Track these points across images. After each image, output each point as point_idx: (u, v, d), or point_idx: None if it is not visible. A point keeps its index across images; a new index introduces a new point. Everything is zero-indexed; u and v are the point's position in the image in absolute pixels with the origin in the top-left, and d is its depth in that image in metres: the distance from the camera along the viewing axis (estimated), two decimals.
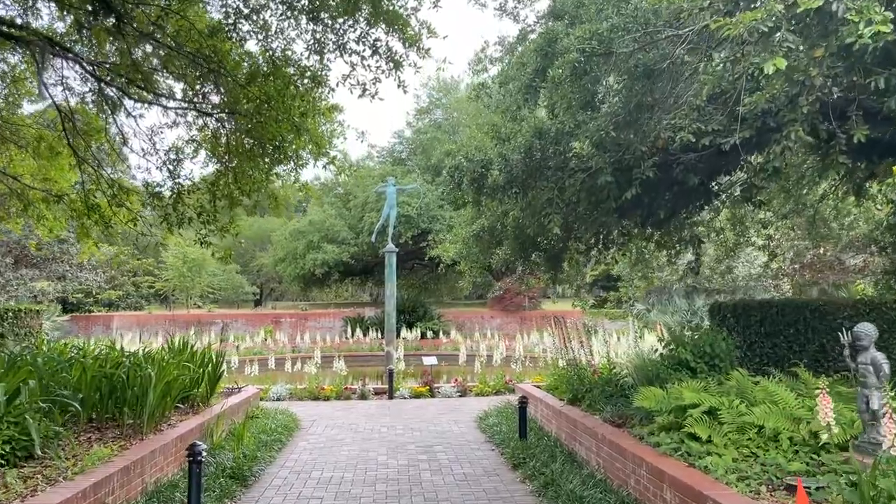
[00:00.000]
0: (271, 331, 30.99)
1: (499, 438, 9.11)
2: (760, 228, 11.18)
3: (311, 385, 14.62)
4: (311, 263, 37.45)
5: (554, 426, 9.16)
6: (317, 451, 9.01)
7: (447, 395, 14.44)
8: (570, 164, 7.63)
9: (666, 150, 7.63)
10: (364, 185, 39.62)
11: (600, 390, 8.61)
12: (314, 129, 8.58)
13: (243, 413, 10.46)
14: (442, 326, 33.91)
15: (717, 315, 10.11)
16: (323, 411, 12.55)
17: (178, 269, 36.41)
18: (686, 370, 7.54)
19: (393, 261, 21.03)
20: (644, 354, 9.41)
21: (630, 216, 8.49)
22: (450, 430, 10.51)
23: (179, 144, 9.93)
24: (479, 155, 7.80)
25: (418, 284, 48.56)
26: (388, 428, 10.68)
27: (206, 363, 9.49)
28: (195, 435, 7.84)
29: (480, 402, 13.57)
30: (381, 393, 14.81)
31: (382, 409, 12.72)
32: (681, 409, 6.43)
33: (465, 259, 10.80)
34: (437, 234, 37.07)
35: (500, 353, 16.28)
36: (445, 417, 11.69)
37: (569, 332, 10.27)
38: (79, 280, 28.40)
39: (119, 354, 8.10)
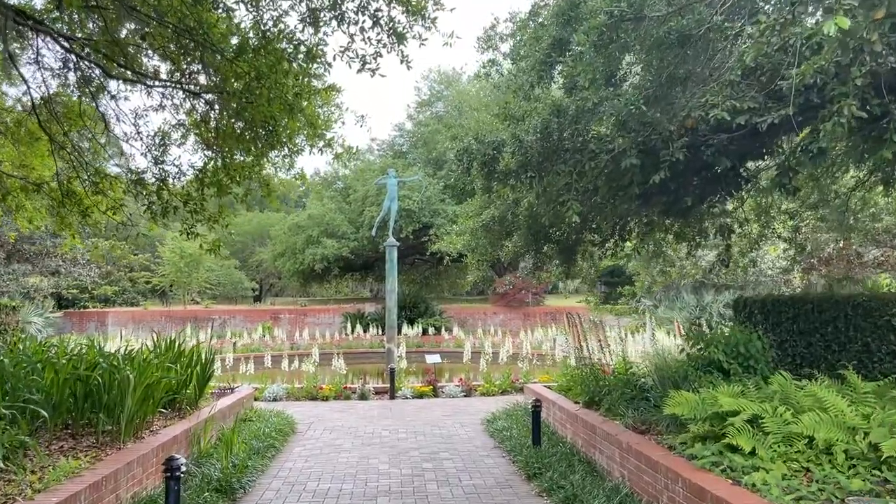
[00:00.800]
0: (270, 327, 30.34)
1: (509, 445, 8.44)
2: (787, 219, 10.51)
3: (308, 384, 13.97)
4: (310, 258, 36.77)
5: (569, 431, 8.49)
6: (313, 458, 8.35)
7: (451, 395, 13.78)
8: (589, 145, 6.96)
9: (695, 130, 6.96)
10: (364, 179, 38.91)
11: (619, 393, 7.94)
12: (309, 110, 7.87)
13: (235, 416, 9.79)
14: (444, 323, 33.25)
15: (741, 311, 9.44)
16: (321, 413, 11.90)
17: (175, 264, 35.72)
18: (718, 372, 6.86)
19: (394, 255, 20.37)
20: (664, 353, 8.76)
21: (653, 204, 7.81)
22: (455, 433, 9.85)
23: (166, 129, 9.24)
24: (490, 136, 7.11)
25: (419, 280, 47.92)
26: (389, 431, 10.02)
27: (194, 363, 8.83)
28: (180, 443, 7.17)
29: (486, 402, 12.91)
30: (382, 392, 14.16)
31: (383, 411, 12.06)
32: (718, 416, 5.76)
33: (472, 252, 10.11)
34: (439, 229, 36.39)
35: (506, 351, 15.60)
36: (450, 420, 11.03)
37: (584, 330, 9.60)
38: (72, 275, 27.68)
39: (95, 354, 7.42)
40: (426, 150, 42.16)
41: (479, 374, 15.45)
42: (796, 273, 27.41)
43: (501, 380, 14.44)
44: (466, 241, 9.93)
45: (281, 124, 8.05)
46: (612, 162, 6.80)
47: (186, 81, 8.73)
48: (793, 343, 8.34)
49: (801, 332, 8.23)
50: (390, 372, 13.85)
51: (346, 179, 43.31)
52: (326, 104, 9.26)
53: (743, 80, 6.59)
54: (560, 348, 14.57)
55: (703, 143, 7.04)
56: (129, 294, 38.98)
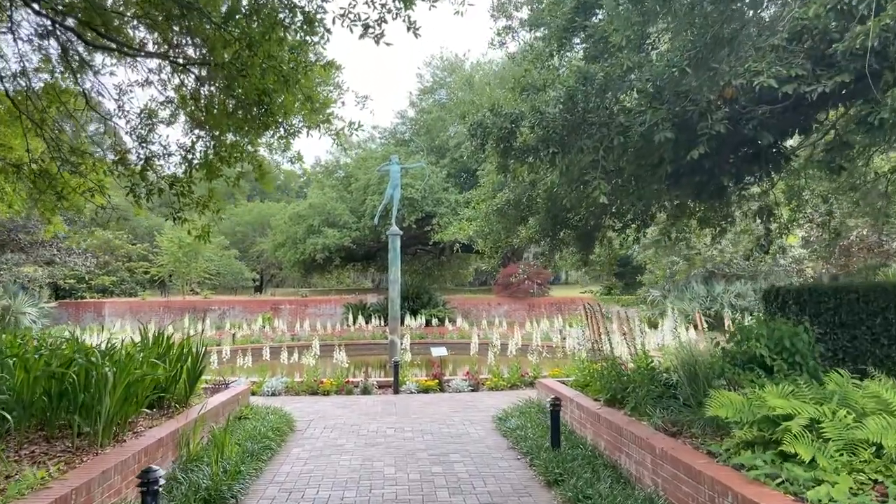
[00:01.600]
0: (270, 318, 29.74)
1: (525, 446, 7.79)
2: (820, 203, 9.81)
3: (308, 378, 13.34)
4: (311, 248, 36.12)
5: (589, 431, 7.85)
6: (313, 460, 7.71)
7: (458, 390, 13.16)
8: (617, 118, 6.27)
9: (734, 101, 6.28)
10: (366, 167, 38.21)
11: (645, 391, 7.29)
12: (307, 83, 7.16)
13: (230, 414, 9.17)
14: (447, 314, 32.63)
15: (773, 301, 8.77)
16: (321, 408, 11.27)
17: (174, 253, 35.07)
18: (760, 368, 6.20)
19: (397, 244, 19.72)
20: (691, 347, 8.09)
21: (685, 184, 7.12)
22: (465, 432, 9.21)
23: (153, 107, 8.54)
24: (507, 107, 6.41)
25: (422, 270, 47.28)
26: (394, 430, 9.39)
27: (184, 358, 8.18)
28: (166, 446, 6.53)
29: (495, 397, 12.28)
30: (386, 386, 13.54)
31: (387, 406, 11.43)
32: (768, 420, 5.10)
33: (485, 238, 9.42)
34: (442, 218, 35.71)
35: (515, 343, 14.95)
36: (459, 416, 10.40)
37: (603, 322, 8.92)
38: (67, 265, 27.03)
39: (73, 349, 6.77)
40: (429, 137, 41.41)
41: (485, 366, 14.83)
42: (808, 262, 26.72)
43: (510, 373, 13.81)
44: (479, 226, 9.22)
45: (276, 101, 7.35)
46: (642, 137, 6.12)
47: (174, 55, 8.04)
48: (833, 336, 7.68)
49: (844, 325, 7.57)
50: (394, 366, 13.22)
51: (347, 168, 42.60)
52: (325, 82, 8.57)
53: (789, 45, 5.90)
54: (575, 341, 13.88)
55: (743, 116, 6.37)
56: (127, 284, 38.38)
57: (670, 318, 10.94)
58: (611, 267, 10.46)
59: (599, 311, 9.23)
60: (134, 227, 42.40)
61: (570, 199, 6.85)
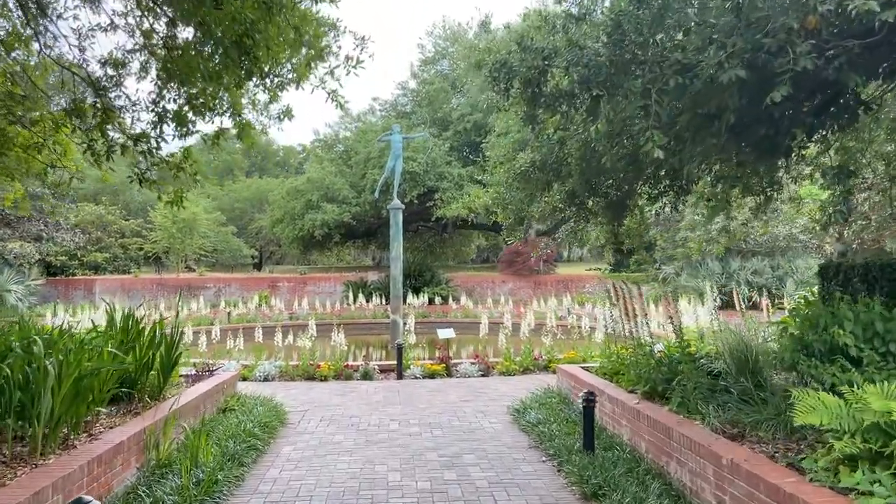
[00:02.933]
0: (267, 296, 28.71)
1: (551, 447, 6.73)
2: (883, 165, 8.64)
3: (304, 362, 12.29)
4: (309, 224, 34.98)
5: (625, 430, 6.78)
6: (305, 462, 6.65)
7: (466, 375, 12.11)
8: (674, 54, 5.09)
9: (817, 33, 5.10)
10: (366, 140, 36.92)
11: (694, 383, 6.21)
12: (293, 9, 5.96)
13: (213, 405, 8.11)
14: (451, 292, 31.59)
15: (833, 278, 7.66)
16: (317, 396, 10.23)
17: (167, 229, 33.94)
18: (845, 359, 5.10)
19: (399, 218, 18.60)
20: (740, 332, 7.00)
21: (748, 138, 5.95)
22: (479, 426, 8.16)
23: (119, 56, 7.35)
24: (539, 41, 5.23)
25: (423, 248, 46.19)
26: (398, 423, 8.33)
27: (157, 343, 7.09)
28: (128, 451, 5.47)
29: (508, 383, 11.25)
30: (388, 371, 12.50)
31: (390, 394, 10.38)
32: (878, 429, 4.02)
33: (504, 208, 8.24)
34: (445, 193, 34.52)
35: (527, 324, 13.87)
36: (470, 406, 9.35)
37: (641, 302, 7.80)
38: (54, 240, 25.89)
39: (19, 336, 5.68)
40: (431, 109, 40.04)
41: (495, 348, 13.81)
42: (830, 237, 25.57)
43: (522, 357, 12.76)
44: (498, 193, 8.05)
45: (258, 38, 6.16)
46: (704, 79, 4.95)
47: None
48: None
49: None
50: (397, 349, 12.15)
51: (346, 142, 41.30)
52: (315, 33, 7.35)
53: None
54: (595, 321, 12.81)
55: (825, 53, 5.19)
56: (121, 261, 37.28)
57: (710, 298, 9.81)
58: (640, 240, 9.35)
59: (632, 292, 8.10)
60: (127, 203, 41.23)
61: (611, 158, 5.69)
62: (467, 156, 39.35)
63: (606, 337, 9.19)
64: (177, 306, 8.39)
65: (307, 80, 7.46)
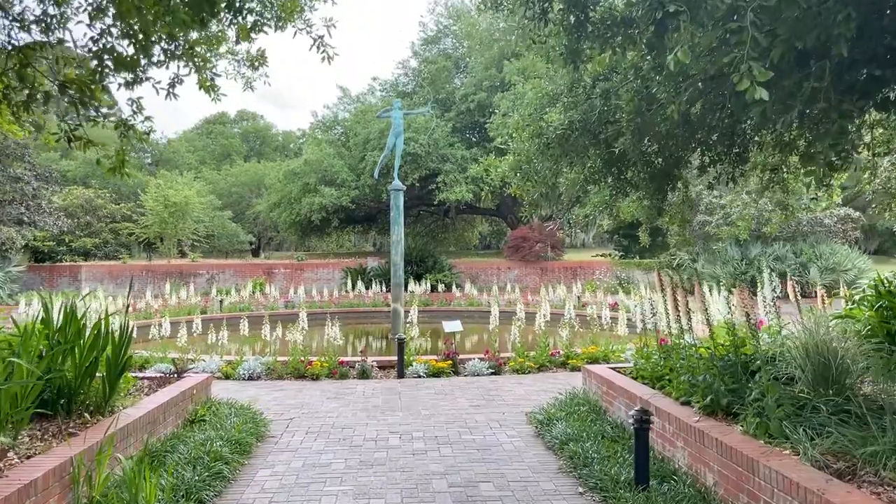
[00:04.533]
0: (262, 283, 27.40)
1: (590, 476, 5.38)
2: None
3: (294, 359, 10.98)
4: (307, 208, 33.58)
5: (681, 453, 5.45)
6: (283, 494, 5.34)
7: (475, 373, 10.80)
8: None
9: None
10: (365, 121, 35.44)
11: (776, 397, 4.88)
12: None
13: (179, 416, 6.80)
14: (454, 279, 30.29)
15: None
16: (307, 400, 8.92)
17: (159, 213, 32.56)
18: None
19: (400, 200, 17.24)
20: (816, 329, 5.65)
21: (858, 80, 4.58)
22: (496, 441, 6.84)
23: None
24: None
25: (425, 233, 44.83)
26: (399, 437, 7.02)
27: (101, 345, 5.76)
28: (48, 489, 4.14)
29: (524, 384, 9.96)
30: (388, 367, 11.21)
31: (391, 397, 9.08)
32: None
33: (525, 179, 6.83)
34: (448, 176, 33.10)
35: (543, 315, 12.53)
36: (482, 414, 8.04)
37: (700, 294, 6.42)
38: (35, 224, 24.49)
39: None
40: (433, 89, 38.50)
41: (501, 339, 12.50)
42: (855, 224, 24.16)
43: (538, 352, 11.45)
44: (518, 162, 6.66)
45: None
46: None
47: None
48: None
49: None
50: (398, 344, 10.83)
51: (345, 124, 39.80)
52: None
53: None
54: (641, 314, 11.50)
55: None
56: (111, 247, 35.91)
57: (767, 286, 8.42)
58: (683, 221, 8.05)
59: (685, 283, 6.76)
60: (119, 186, 39.81)
61: (679, 107, 4.30)
62: (471, 137, 37.90)
63: (645, 334, 7.86)
64: (127, 299, 7.03)
65: (292, 22, 6.10)
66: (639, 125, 4.89)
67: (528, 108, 6.15)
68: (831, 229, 24.39)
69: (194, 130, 68.56)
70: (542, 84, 6.04)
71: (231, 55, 6.46)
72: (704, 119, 4.79)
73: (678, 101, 4.24)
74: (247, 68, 6.63)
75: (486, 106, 34.90)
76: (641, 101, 4.75)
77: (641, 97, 4.74)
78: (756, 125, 6.15)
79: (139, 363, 11.54)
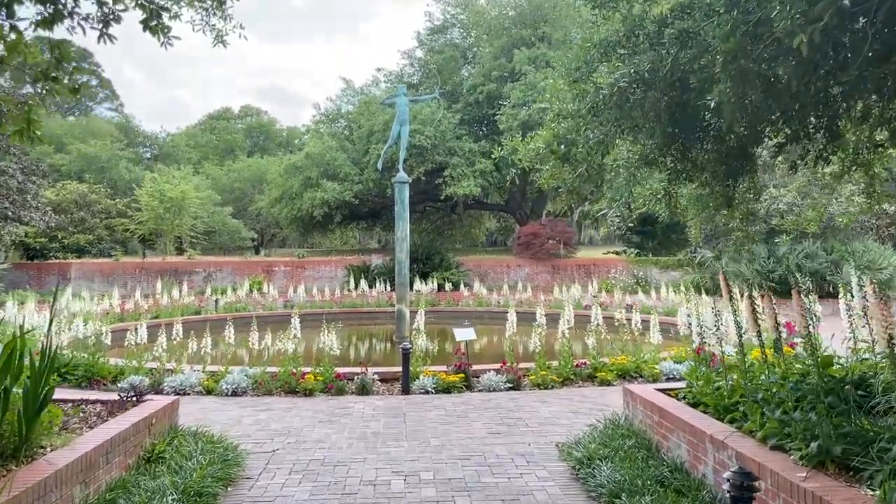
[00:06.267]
0: (260, 282, 26.09)
1: None
2: None
3: (285, 371, 9.66)
4: (308, 204, 32.29)
5: None
6: None
7: (491, 388, 9.47)
8: None
9: None
10: (369, 113, 34.13)
11: None
12: None
13: (131, 455, 5.45)
14: (461, 277, 28.93)
15: None
16: (295, 424, 7.59)
17: (154, 209, 31.29)
18: None
19: (405, 194, 15.93)
20: None
21: None
22: (524, 486, 5.48)
23: None
24: None
25: (431, 229, 43.49)
26: (405, 480, 5.67)
27: (15, 372, 4.43)
28: None
29: (548, 402, 8.63)
30: (391, 380, 9.91)
31: (394, 421, 7.74)
32: None
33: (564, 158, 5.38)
34: (455, 170, 31.75)
35: (566, 320, 11.14)
36: (504, 445, 6.68)
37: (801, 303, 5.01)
38: (21, 219, 23.16)
39: None
40: (440, 80, 37.11)
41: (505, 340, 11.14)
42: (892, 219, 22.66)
43: (561, 363, 10.10)
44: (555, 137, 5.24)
45: None
46: None
47: None
48: None
49: None
50: (403, 355, 9.48)
51: (349, 116, 38.47)
52: None
53: None
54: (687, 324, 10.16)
55: None
56: (106, 244, 34.64)
57: (856, 289, 7.02)
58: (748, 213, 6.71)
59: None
60: (115, 181, 38.58)
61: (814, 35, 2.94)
62: (479, 130, 36.52)
63: (701, 354, 6.51)
64: (52, 309, 5.68)
65: None
66: (741, 69, 3.53)
67: (574, 61, 4.77)
68: (864, 225, 22.93)
69: (197, 126, 67.45)
70: (588, 33, 4.67)
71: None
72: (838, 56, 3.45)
73: (813, 28, 2.88)
74: (217, 18, 5.30)
75: (495, 97, 33.54)
76: (744, 36, 3.40)
77: (744, 32, 3.40)
78: (848, 90, 4.79)
79: (113, 373, 10.29)
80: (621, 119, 4.49)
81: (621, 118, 4.48)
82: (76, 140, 41.72)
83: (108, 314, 17.84)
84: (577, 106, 4.74)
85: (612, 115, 4.47)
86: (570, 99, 4.82)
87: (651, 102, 4.21)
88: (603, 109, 4.48)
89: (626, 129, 4.67)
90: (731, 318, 5.64)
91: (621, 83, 4.19)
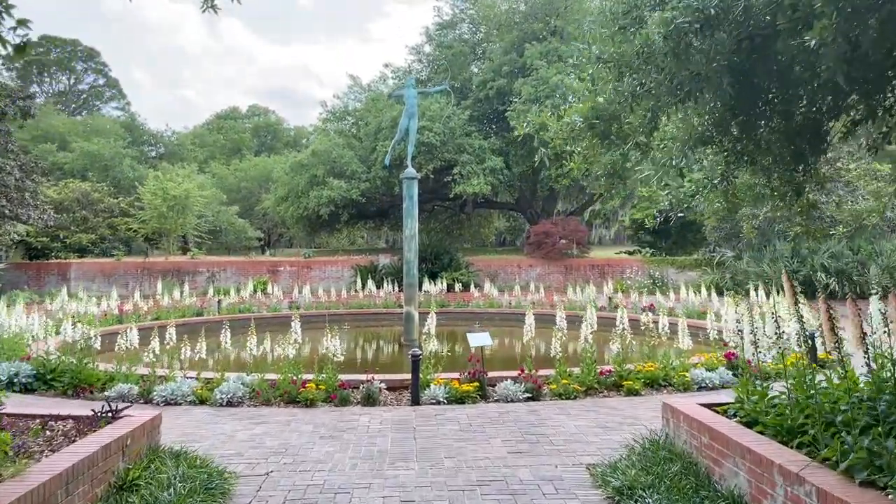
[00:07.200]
0: (264, 282, 25.40)
1: None
2: None
3: (285, 379, 8.92)
4: (314, 202, 31.58)
5: None
6: None
7: (508, 398, 8.70)
8: None
9: None
10: (377, 110, 33.41)
11: None
12: None
13: (99, 482, 4.71)
14: (471, 277, 28.15)
15: None
16: (294, 440, 6.84)
17: (157, 207, 30.65)
18: None
19: (413, 190, 15.19)
20: None
21: None
22: None
23: None
24: None
25: (439, 229, 42.70)
26: None
27: None
28: None
29: (572, 414, 7.85)
30: (399, 388, 9.18)
31: (402, 436, 6.99)
32: None
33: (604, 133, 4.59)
34: (464, 167, 30.97)
35: (589, 324, 10.35)
36: (527, 467, 5.90)
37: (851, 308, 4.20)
38: (19, 218, 22.50)
39: None
40: (449, 76, 36.35)
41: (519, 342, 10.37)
42: None
43: (583, 370, 9.32)
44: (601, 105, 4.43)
45: None
46: None
47: None
48: None
49: None
50: (413, 362, 8.73)
51: (356, 114, 37.77)
52: None
53: None
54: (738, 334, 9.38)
55: None
56: (109, 243, 34.02)
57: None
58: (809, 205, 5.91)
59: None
60: (118, 179, 38.01)
61: None
62: (489, 127, 35.73)
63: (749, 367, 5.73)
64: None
65: None
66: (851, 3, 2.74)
67: (621, 3, 3.94)
68: (891, 223, 21.99)
69: (205, 126, 66.98)
70: None
71: None
72: None
73: None
74: None
75: (506, 93, 32.74)
76: None
77: None
78: None
79: (102, 380, 9.61)
80: (677, 72, 3.67)
81: (678, 69, 3.65)
82: (80, 138, 41.21)
83: (106, 316, 17.17)
84: (623, 49, 3.90)
85: (668, 64, 3.64)
86: (617, 44, 3.98)
87: (716, 49, 3.40)
88: (656, 56, 3.65)
89: (682, 93, 3.85)
90: (796, 324, 4.83)
91: (680, 22, 3.36)
